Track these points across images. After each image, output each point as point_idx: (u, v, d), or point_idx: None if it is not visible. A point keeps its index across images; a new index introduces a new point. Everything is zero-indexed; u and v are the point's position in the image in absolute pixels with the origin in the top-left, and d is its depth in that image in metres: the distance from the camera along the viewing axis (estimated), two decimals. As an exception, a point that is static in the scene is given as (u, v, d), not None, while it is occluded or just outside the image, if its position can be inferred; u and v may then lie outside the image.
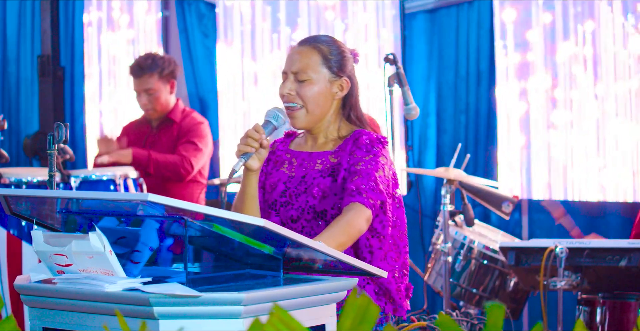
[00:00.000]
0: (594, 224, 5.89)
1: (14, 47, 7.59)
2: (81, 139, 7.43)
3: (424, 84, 6.41)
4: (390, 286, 3.28)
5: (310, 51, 3.31)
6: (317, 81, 3.29)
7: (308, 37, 3.41)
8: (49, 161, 3.49)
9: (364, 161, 3.21)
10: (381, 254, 3.27)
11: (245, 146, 3.18)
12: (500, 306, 1.66)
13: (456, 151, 5.27)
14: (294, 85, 3.30)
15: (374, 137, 3.27)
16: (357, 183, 3.16)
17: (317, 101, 3.29)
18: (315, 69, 3.29)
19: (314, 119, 3.31)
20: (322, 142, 3.36)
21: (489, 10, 6.16)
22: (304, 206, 3.27)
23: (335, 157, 3.29)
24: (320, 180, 3.26)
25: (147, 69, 5.96)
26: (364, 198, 3.13)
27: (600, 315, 4.60)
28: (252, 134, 3.18)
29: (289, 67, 3.32)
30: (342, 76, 3.32)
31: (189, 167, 5.93)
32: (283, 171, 3.37)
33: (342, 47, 3.36)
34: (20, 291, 2.78)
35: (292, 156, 3.39)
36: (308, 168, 3.32)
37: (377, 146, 3.25)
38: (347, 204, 3.14)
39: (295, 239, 2.68)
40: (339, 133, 3.35)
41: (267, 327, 1.60)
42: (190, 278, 2.62)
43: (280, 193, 3.32)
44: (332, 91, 3.32)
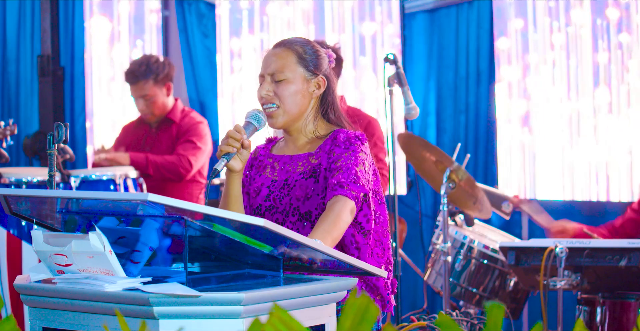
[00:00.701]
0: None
1: (14, 47, 7.59)
2: (81, 139, 7.43)
3: (424, 84, 6.41)
4: (378, 283, 3.30)
5: (285, 52, 3.36)
6: (294, 80, 3.33)
7: (282, 39, 3.45)
8: (49, 161, 3.49)
9: (343, 158, 3.24)
10: (368, 250, 3.29)
11: (226, 146, 3.21)
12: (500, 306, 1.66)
13: (456, 150, 5.27)
14: (272, 86, 3.34)
15: (352, 135, 3.29)
16: (338, 177, 3.19)
17: (295, 99, 3.33)
18: (291, 68, 3.33)
19: (292, 118, 3.34)
20: (301, 144, 3.38)
21: (489, 10, 6.17)
22: (288, 208, 3.29)
23: (315, 158, 3.31)
24: (302, 182, 3.29)
25: (142, 76, 5.96)
26: (346, 190, 3.15)
27: (600, 315, 4.60)
28: (232, 134, 3.21)
29: (265, 70, 3.37)
30: (318, 74, 3.36)
31: (188, 166, 5.93)
32: (266, 176, 3.39)
33: (316, 46, 3.41)
34: (20, 291, 2.78)
35: (274, 160, 3.41)
36: (290, 170, 3.34)
37: (355, 142, 3.27)
38: (330, 198, 3.17)
39: (295, 239, 2.68)
40: (316, 132, 3.37)
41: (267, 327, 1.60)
42: (190, 278, 2.62)
43: (264, 197, 3.34)
44: (309, 90, 3.35)
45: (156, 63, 6.01)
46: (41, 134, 7.12)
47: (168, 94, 6.06)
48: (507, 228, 5.89)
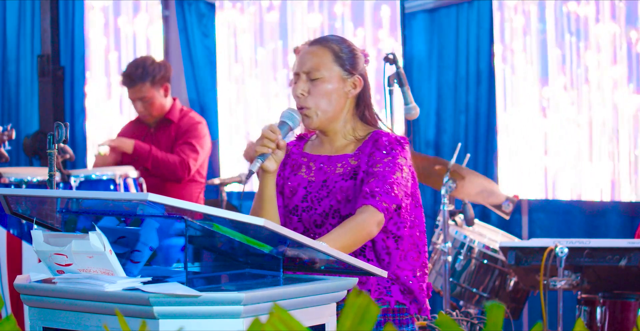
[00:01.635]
0: (594, 224, 5.89)
1: (14, 47, 7.59)
2: (81, 139, 7.43)
3: (424, 84, 6.41)
4: (412, 286, 3.23)
5: (321, 50, 3.28)
6: (330, 79, 3.25)
7: (317, 37, 3.38)
8: (49, 161, 3.49)
9: (382, 163, 3.17)
10: (400, 254, 3.23)
11: (262, 147, 3.12)
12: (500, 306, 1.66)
13: (456, 150, 5.27)
14: (307, 85, 3.25)
15: (393, 139, 3.22)
16: (372, 186, 3.12)
17: (330, 99, 3.24)
18: (327, 67, 3.25)
19: (327, 119, 3.26)
20: (340, 145, 3.30)
21: (489, 10, 6.16)
22: (327, 210, 3.22)
23: (355, 160, 3.24)
24: (342, 183, 3.22)
25: (139, 79, 5.95)
26: (377, 201, 3.10)
27: (600, 315, 4.60)
28: (268, 135, 3.12)
29: (300, 68, 3.27)
30: (355, 73, 3.28)
31: (187, 169, 5.94)
32: (302, 176, 3.31)
33: (352, 45, 3.33)
34: (20, 290, 2.78)
35: (309, 159, 3.33)
36: (328, 172, 3.27)
37: (397, 147, 3.20)
38: (359, 207, 3.11)
39: (296, 239, 2.68)
40: (355, 134, 3.30)
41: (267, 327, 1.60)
42: (190, 278, 2.62)
43: (302, 197, 3.26)
44: (345, 89, 3.27)
45: (152, 65, 6.00)
46: (41, 134, 7.12)
47: (166, 95, 6.06)
48: (507, 228, 5.89)
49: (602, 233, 5.77)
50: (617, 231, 5.77)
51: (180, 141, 6.02)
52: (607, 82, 5.79)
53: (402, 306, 3.23)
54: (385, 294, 3.22)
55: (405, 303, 3.23)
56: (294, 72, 3.32)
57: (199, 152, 5.99)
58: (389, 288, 3.23)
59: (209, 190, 6.43)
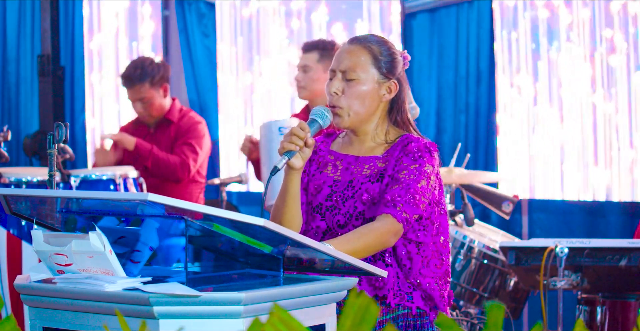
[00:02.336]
0: (594, 224, 5.89)
1: (14, 47, 7.59)
2: (81, 139, 7.43)
3: (424, 84, 6.41)
4: (433, 293, 3.20)
5: (360, 50, 3.23)
6: (365, 81, 3.21)
7: (359, 35, 3.32)
8: (49, 161, 3.49)
9: (408, 170, 3.14)
10: (422, 260, 3.20)
11: (289, 144, 3.09)
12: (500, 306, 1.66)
13: (456, 150, 5.27)
14: (342, 84, 3.22)
15: (422, 145, 3.19)
16: (394, 194, 3.09)
17: (364, 101, 3.21)
18: (364, 69, 3.21)
19: (358, 119, 3.23)
20: (369, 147, 3.27)
21: (489, 10, 6.16)
22: (352, 211, 3.19)
23: (383, 162, 3.21)
24: (368, 185, 3.19)
25: (137, 80, 5.95)
26: (398, 211, 3.07)
27: (601, 315, 4.60)
28: (297, 132, 3.10)
29: (337, 66, 3.24)
30: (391, 78, 3.25)
31: (187, 170, 5.94)
32: (327, 174, 3.28)
33: (392, 48, 3.29)
34: (20, 290, 2.78)
35: (336, 158, 3.30)
36: (355, 172, 3.24)
37: (425, 154, 3.16)
38: (379, 214, 3.08)
39: (296, 239, 2.68)
40: (387, 137, 3.26)
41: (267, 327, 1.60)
42: (190, 278, 2.62)
43: (326, 196, 3.24)
44: (379, 93, 3.24)
45: (151, 65, 5.99)
46: (41, 134, 7.12)
47: (165, 96, 6.06)
48: (507, 227, 5.88)
49: (602, 233, 5.77)
50: (617, 231, 5.77)
51: (180, 141, 6.02)
52: (607, 83, 5.78)
53: (423, 311, 3.20)
54: (407, 300, 3.19)
55: (425, 309, 3.21)
56: (330, 68, 3.28)
57: (198, 152, 5.99)
58: (410, 294, 3.19)
59: (209, 190, 6.43)
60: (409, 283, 3.18)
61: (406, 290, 3.20)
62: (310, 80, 5.33)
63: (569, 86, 5.91)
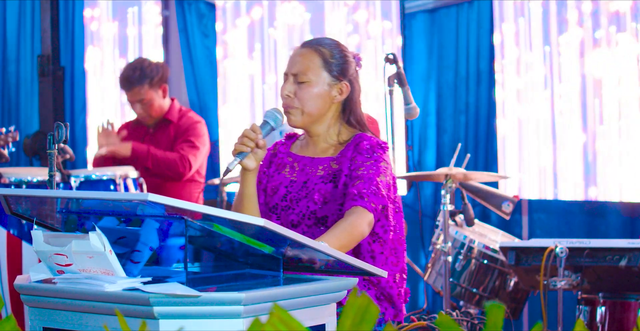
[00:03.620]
0: (594, 224, 5.89)
1: (14, 47, 7.59)
2: (81, 139, 7.43)
3: (424, 84, 6.41)
4: (391, 291, 3.28)
5: (311, 53, 3.32)
6: (316, 84, 3.29)
7: (312, 39, 3.42)
8: (49, 161, 3.49)
9: (365, 166, 3.21)
10: (382, 258, 3.27)
11: (241, 145, 3.19)
12: (500, 306, 1.66)
13: (456, 150, 5.27)
14: (294, 86, 3.31)
15: (375, 142, 3.26)
16: (359, 187, 3.16)
17: (315, 103, 3.29)
18: (315, 72, 3.29)
19: (310, 120, 3.31)
20: (323, 148, 3.35)
21: (489, 10, 6.16)
22: (304, 211, 3.27)
23: (336, 164, 3.29)
24: (321, 186, 3.26)
25: (136, 82, 5.96)
26: (366, 202, 3.13)
27: (600, 315, 4.60)
28: (248, 134, 3.19)
29: (289, 69, 3.33)
30: (343, 80, 3.32)
31: (187, 165, 5.94)
32: (284, 175, 3.36)
33: (344, 50, 3.36)
34: (20, 291, 2.78)
35: (294, 160, 3.38)
36: (310, 173, 3.32)
37: (378, 151, 3.25)
38: (349, 208, 3.14)
39: (296, 239, 2.68)
40: (339, 138, 3.35)
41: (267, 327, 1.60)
42: (190, 278, 2.62)
43: (282, 196, 3.32)
44: (331, 94, 3.32)
45: (149, 67, 6.00)
46: (41, 134, 7.12)
47: (164, 96, 6.06)
48: (507, 228, 5.88)
49: (602, 233, 5.76)
50: (617, 231, 5.77)
51: (179, 139, 6.03)
52: (608, 82, 5.78)
53: None
54: None
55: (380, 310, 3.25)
56: (284, 72, 3.37)
57: (198, 148, 6.00)
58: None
59: (209, 190, 6.43)
60: (366, 282, 3.22)
61: (360, 289, 3.23)
62: None
63: (569, 86, 5.90)
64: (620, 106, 5.75)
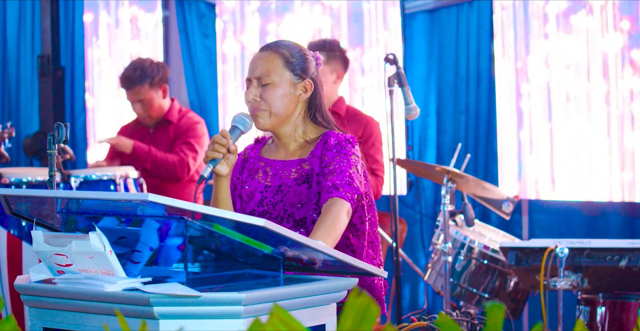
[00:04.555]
0: (594, 225, 5.89)
1: (14, 47, 7.59)
2: (81, 139, 7.43)
3: (424, 84, 6.41)
4: (373, 285, 3.30)
5: (271, 55, 3.34)
6: (280, 84, 3.31)
7: (268, 43, 3.44)
8: (49, 161, 3.49)
9: (336, 161, 3.24)
10: (363, 252, 3.29)
11: (212, 152, 3.20)
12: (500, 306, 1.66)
13: (456, 151, 5.27)
14: (258, 90, 3.32)
15: (342, 138, 3.29)
16: (333, 180, 3.19)
17: (282, 103, 3.31)
18: (277, 72, 3.32)
19: (278, 121, 3.33)
20: (293, 149, 3.37)
21: (489, 10, 6.16)
22: (282, 214, 3.28)
23: (308, 164, 3.31)
24: (296, 188, 3.28)
25: (137, 82, 5.96)
26: (342, 192, 3.15)
27: (601, 315, 4.60)
28: (218, 140, 3.20)
29: (251, 73, 3.35)
30: (305, 78, 3.35)
31: (186, 169, 5.94)
32: (258, 180, 3.38)
33: (303, 50, 3.39)
34: (20, 291, 2.78)
35: (266, 164, 3.40)
36: (283, 177, 3.33)
37: (347, 145, 3.27)
38: (325, 200, 3.17)
39: (296, 239, 2.68)
40: (306, 136, 3.37)
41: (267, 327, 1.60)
42: (190, 278, 2.62)
43: (258, 202, 3.33)
44: (295, 93, 3.34)
45: (150, 66, 6.00)
46: (41, 134, 7.12)
47: (164, 97, 6.06)
48: (507, 228, 5.89)
49: (602, 233, 5.77)
50: (617, 231, 5.77)
51: (179, 140, 6.02)
52: (608, 83, 5.79)
53: None
54: None
55: None
56: (245, 78, 3.39)
57: (197, 151, 6.00)
58: None
59: (209, 190, 6.43)
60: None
61: None
62: None
63: (569, 85, 5.91)
64: (619, 107, 5.75)
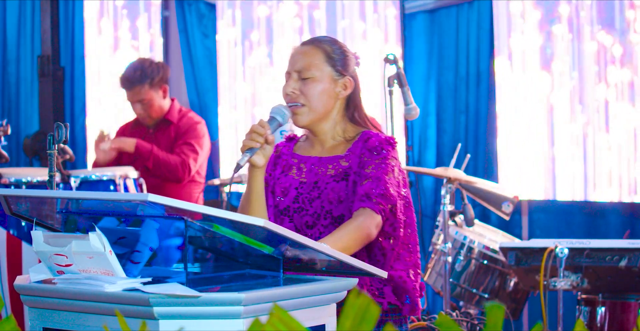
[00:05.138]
0: (594, 225, 5.89)
1: (14, 47, 7.59)
2: (81, 139, 7.43)
3: (424, 84, 6.41)
4: (407, 286, 3.24)
5: (313, 50, 3.30)
6: (321, 79, 3.27)
7: (310, 38, 3.41)
8: (49, 161, 3.50)
9: (374, 165, 3.19)
10: (394, 255, 3.25)
11: (250, 141, 3.15)
12: (500, 307, 1.66)
13: (456, 151, 5.27)
14: (298, 84, 3.28)
15: (383, 139, 3.24)
16: (367, 188, 3.14)
17: (321, 98, 3.27)
18: (319, 67, 3.27)
19: (317, 117, 3.28)
20: (330, 146, 3.33)
21: (489, 10, 6.17)
22: (319, 211, 3.23)
23: (346, 161, 3.26)
24: (334, 185, 3.23)
25: (137, 82, 5.96)
26: (374, 203, 3.12)
27: (600, 315, 4.60)
28: (257, 129, 3.15)
29: (292, 67, 3.30)
30: (346, 75, 3.30)
31: (187, 171, 5.94)
32: (292, 176, 3.32)
33: (344, 47, 3.35)
34: (20, 291, 2.78)
35: (300, 160, 3.35)
36: (319, 173, 3.28)
37: (387, 147, 3.22)
38: (357, 209, 3.13)
39: (296, 239, 2.68)
40: (345, 135, 3.32)
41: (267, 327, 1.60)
42: (190, 278, 2.62)
43: (293, 198, 3.28)
44: (335, 90, 3.29)
45: (150, 67, 6.00)
46: (41, 134, 7.12)
47: (164, 97, 6.06)
48: (507, 228, 5.89)
49: (602, 233, 5.77)
50: (617, 231, 5.77)
51: (179, 141, 6.02)
52: (608, 83, 5.79)
53: (395, 306, 3.24)
54: (378, 296, 3.22)
55: (397, 304, 3.23)
56: (285, 71, 3.34)
57: (198, 152, 6.00)
58: (381, 290, 3.23)
59: (209, 190, 6.43)
60: (380, 278, 3.19)
61: (377, 286, 3.23)
62: None
63: (568, 86, 5.91)
64: (619, 107, 5.75)
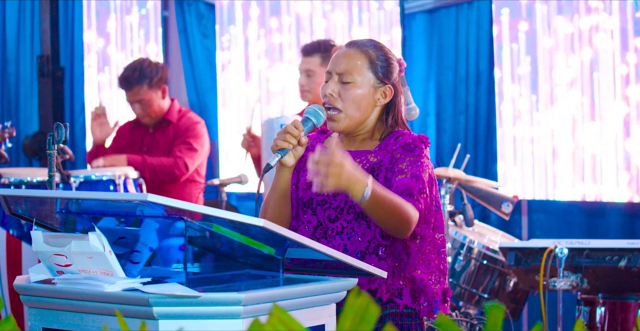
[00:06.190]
0: (594, 225, 5.89)
1: (13, 47, 7.60)
2: (81, 139, 7.43)
3: (423, 84, 6.41)
4: (427, 289, 3.18)
5: (357, 54, 3.24)
6: (362, 85, 3.22)
7: (356, 40, 3.34)
8: (49, 161, 3.50)
9: (408, 162, 3.14)
10: (419, 256, 3.18)
11: (282, 142, 3.12)
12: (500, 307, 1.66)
13: (456, 151, 5.27)
14: (337, 86, 3.23)
15: (417, 137, 3.19)
16: (408, 183, 3.09)
17: (359, 104, 3.21)
18: (360, 72, 3.22)
19: (353, 124, 3.23)
20: (360, 141, 3.28)
21: (489, 10, 6.17)
22: (342, 205, 3.19)
23: (375, 157, 3.21)
24: None
25: (136, 82, 5.96)
26: (415, 200, 3.07)
27: (600, 315, 4.60)
28: (291, 130, 3.12)
29: (334, 68, 3.25)
30: (387, 83, 3.25)
31: (183, 168, 5.93)
32: None
33: (389, 54, 3.30)
34: (20, 291, 2.78)
35: None
36: None
37: (420, 145, 3.17)
38: None
39: (296, 239, 2.68)
40: (377, 134, 3.27)
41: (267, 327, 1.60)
42: (190, 278, 2.62)
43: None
44: (374, 97, 3.24)
45: (149, 67, 6.00)
46: (41, 134, 7.12)
47: (164, 97, 6.06)
48: (507, 228, 5.89)
49: (602, 233, 5.77)
50: (617, 231, 5.77)
51: (178, 140, 6.03)
52: (607, 83, 5.79)
53: (411, 310, 3.18)
54: (397, 296, 3.17)
55: (414, 307, 3.19)
56: (326, 70, 3.29)
57: (196, 150, 5.99)
58: (400, 290, 3.18)
59: (209, 191, 6.43)
60: (401, 278, 3.16)
61: (398, 285, 3.18)
62: (315, 84, 5.33)
63: (568, 86, 5.91)
64: (619, 107, 5.75)
